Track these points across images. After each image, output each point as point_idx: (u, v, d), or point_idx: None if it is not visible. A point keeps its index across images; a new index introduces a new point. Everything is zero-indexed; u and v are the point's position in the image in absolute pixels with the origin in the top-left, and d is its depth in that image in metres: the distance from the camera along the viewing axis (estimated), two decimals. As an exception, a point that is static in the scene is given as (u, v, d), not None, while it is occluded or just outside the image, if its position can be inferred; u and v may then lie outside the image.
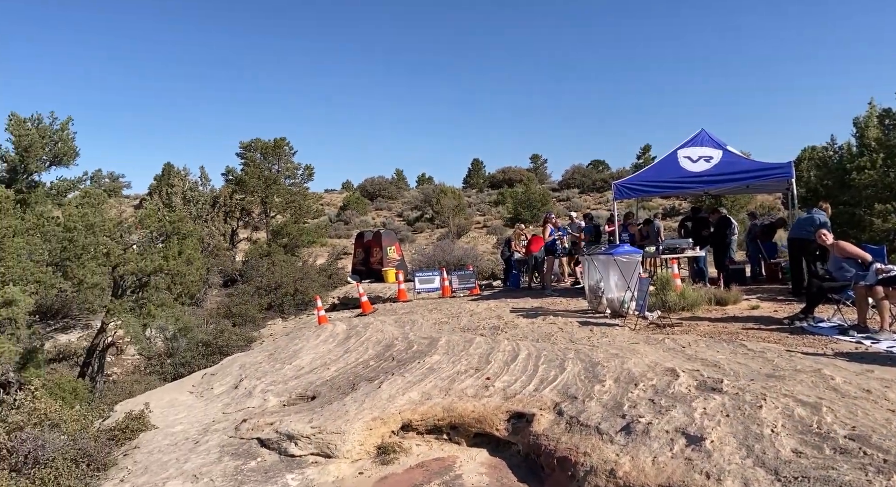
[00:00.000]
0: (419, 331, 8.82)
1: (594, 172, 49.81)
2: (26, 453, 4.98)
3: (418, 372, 6.35)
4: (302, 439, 5.03)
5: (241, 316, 16.63)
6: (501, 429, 5.02)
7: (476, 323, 9.27)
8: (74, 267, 11.70)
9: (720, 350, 6.25)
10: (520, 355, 6.56)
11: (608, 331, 7.85)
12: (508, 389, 5.59)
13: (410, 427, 5.32)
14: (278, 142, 28.18)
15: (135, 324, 11.75)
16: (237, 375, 7.89)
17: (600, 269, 9.45)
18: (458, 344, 7.36)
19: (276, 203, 27.27)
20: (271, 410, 6.17)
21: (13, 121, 15.29)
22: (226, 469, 4.75)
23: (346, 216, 41.54)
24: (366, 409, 5.45)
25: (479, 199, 46.63)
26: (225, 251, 24.14)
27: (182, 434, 5.83)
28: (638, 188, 11.57)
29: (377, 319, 10.45)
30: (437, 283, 14.27)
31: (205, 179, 27.77)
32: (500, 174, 53.44)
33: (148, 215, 13.71)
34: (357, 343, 8.45)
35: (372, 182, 54.05)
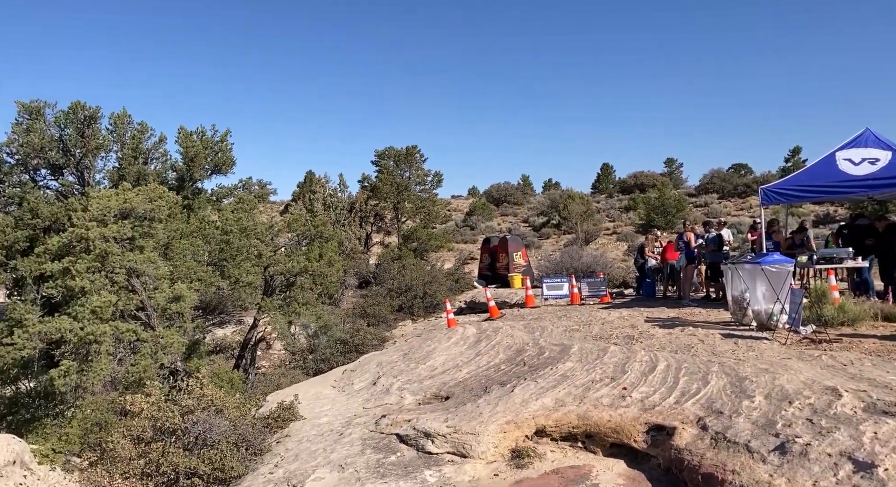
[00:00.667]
0: (550, 338, 8.76)
1: (735, 176, 46.73)
2: (197, 434, 5.57)
3: (551, 379, 6.32)
4: (438, 437, 5.19)
5: (375, 317, 17.38)
6: (640, 441, 4.87)
7: (609, 332, 9.05)
8: (230, 266, 12.87)
9: (891, 370, 5.65)
10: (658, 366, 6.33)
11: (755, 345, 7.36)
12: (647, 400, 5.41)
13: (544, 433, 5.31)
14: (410, 149, 29.22)
15: (282, 321, 12.71)
16: (375, 372, 8.28)
17: (745, 279, 8.87)
18: (592, 353, 7.23)
19: (406, 208, 28.27)
20: (408, 407, 6.42)
21: (182, 135, 17.13)
22: (368, 461, 5.01)
23: (472, 221, 42.12)
24: (499, 412, 5.52)
25: (608, 205, 45.39)
26: (360, 254, 25.38)
27: (327, 425, 6.22)
28: (789, 193, 10.71)
29: (506, 324, 10.51)
30: (566, 290, 14.09)
31: (343, 186, 29.40)
32: (632, 179, 51.64)
33: (295, 219, 14.76)
34: (488, 346, 8.56)
35: (498, 188, 54.39)
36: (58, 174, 16.37)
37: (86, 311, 9.02)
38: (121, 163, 16.64)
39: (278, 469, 5.21)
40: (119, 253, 9.82)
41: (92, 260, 9.55)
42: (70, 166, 16.21)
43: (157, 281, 10.70)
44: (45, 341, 9.22)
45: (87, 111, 15.89)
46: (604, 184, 55.80)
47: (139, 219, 10.58)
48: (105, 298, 9.30)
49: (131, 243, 10.32)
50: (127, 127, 16.82)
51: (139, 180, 15.46)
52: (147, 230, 10.64)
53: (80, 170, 16.24)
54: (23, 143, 15.24)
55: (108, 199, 10.20)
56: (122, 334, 9.48)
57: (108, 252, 9.63)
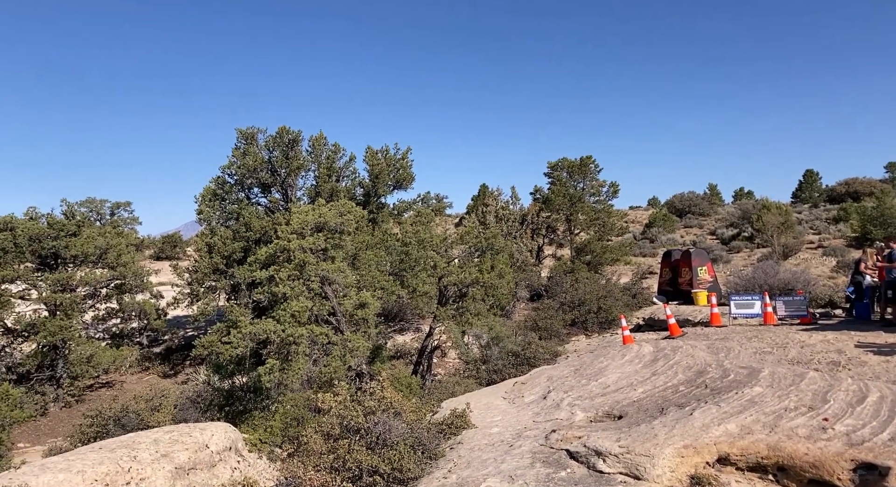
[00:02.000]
0: (736, 360, 8.06)
1: None
2: (378, 434, 5.95)
3: (736, 404, 5.81)
4: (610, 457, 5.01)
5: (547, 330, 17.28)
6: (844, 479, 4.30)
7: (808, 356, 8.10)
8: (409, 276, 13.61)
9: None
10: (869, 397, 5.54)
11: None
12: (854, 435, 4.76)
13: (728, 462, 4.90)
14: (584, 160, 28.69)
15: (455, 330, 13.13)
16: (545, 386, 8.22)
17: None
18: (786, 378, 6.52)
19: (580, 220, 27.77)
20: (578, 424, 6.29)
21: (368, 153, 18.56)
22: (538, 474, 4.99)
23: (651, 234, 40.18)
24: (676, 435, 5.19)
25: (812, 216, 40.69)
26: (531, 266, 25.42)
27: (498, 436, 6.30)
28: None
29: (686, 343, 9.85)
30: (758, 308, 12.86)
31: (515, 198, 29.71)
32: (842, 186, 45.83)
33: (468, 232, 15.23)
34: (665, 366, 8.09)
35: (681, 198, 51.36)
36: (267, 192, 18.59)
37: (287, 315, 10.09)
38: (317, 180, 18.45)
39: (451, 475, 5.38)
40: (314, 262, 10.85)
41: (292, 269, 10.68)
42: (276, 184, 18.33)
43: (346, 288, 11.65)
44: (254, 341, 10.47)
45: (290, 135, 17.88)
46: (807, 192, 50.21)
47: (331, 231, 11.62)
48: (303, 303, 10.33)
49: (324, 254, 11.37)
50: (323, 148, 18.63)
51: (332, 196, 17.02)
52: (338, 242, 11.65)
53: (284, 188, 18.28)
54: (240, 165, 17.54)
55: (305, 214, 11.34)
56: (316, 337, 10.45)
57: (306, 261, 10.70)
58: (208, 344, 11.67)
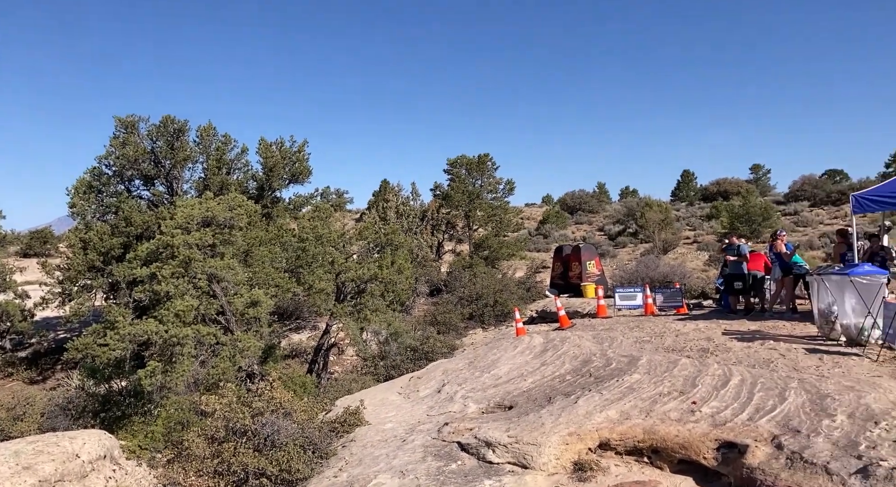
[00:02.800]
0: (619, 349, 8.54)
1: (829, 183, 44.05)
2: (266, 436, 5.77)
3: (617, 391, 6.16)
4: (499, 447, 5.15)
5: (445, 324, 17.49)
6: (709, 458, 4.66)
7: (682, 344, 8.72)
8: (306, 273, 13.31)
9: None
10: (732, 380, 6.04)
11: (841, 361, 6.89)
12: (717, 416, 5.17)
13: (608, 446, 5.17)
14: (482, 157, 29.27)
15: (353, 327, 13.00)
16: (440, 380, 8.32)
17: (833, 291, 8.34)
18: (661, 365, 6.99)
19: (478, 216, 28.33)
20: (471, 416, 6.41)
21: (262, 145, 17.92)
22: (429, 468, 5.04)
23: (545, 230, 41.70)
24: (562, 423, 5.42)
25: (688, 213, 43.82)
26: (431, 262, 25.63)
27: (391, 431, 6.31)
28: (885, 200, 9.97)
29: (575, 334, 10.32)
30: (640, 300, 13.69)
31: (415, 195, 29.83)
32: (714, 186, 49.71)
33: (366, 227, 15.11)
34: (554, 356, 8.43)
35: (572, 195, 53.66)
36: (149, 184, 17.49)
37: (170, 315, 9.57)
38: (206, 173, 17.59)
39: (342, 473, 5.32)
40: (201, 259, 10.36)
41: (176, 266, 10.13)
42: (160, 177, 17.28)
43: (237, 286, 11.20)
44: (134, 342, 9.84)
45: (175, 124, 16.91)
46: (684, 191, 53.97)
47: (220, 226, 11.13)
48: (188, 302, 9.83)
49: (213, 250, 10.87)
50: (212, 138, 17.78)
51: (222, 189, 16.29)
52: (227, 237, 11.17)
53: (169, 181, 17.28)
54: (119, 156, 16.38)
55: (191, 208, 10.79)
56: (203, 337, 9.98)
57: (191, 258, 10.18)
58: (83, 346, 10.84)
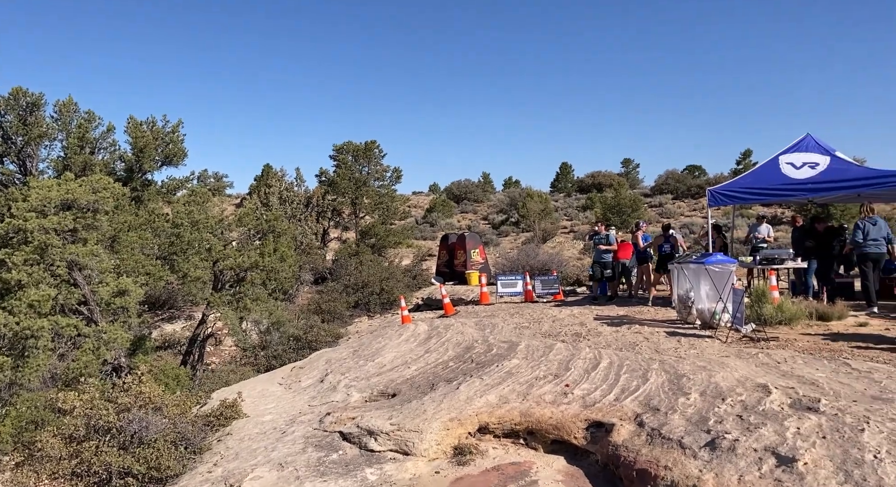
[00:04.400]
0: (499, 335, 8.82)
1: (689, 178, 47.89)
2: (132, 433, 5.42)
3: (496, 376, 6.37)
4: (381, 435, 5.17)
5: (330, 313, 17.23)
6: (580, 437, 4.95)
7: (558, 329, 9.16)
8: (180, 261, 12.56)
9: (819, 368, 5.86)
10: (601, 363, 6.44)
11: (697, 343, 7.55)
12: (588, 397, 5.50)
13: (487, 430, 5.35)
14: (369, 144, 28.98)
15: (232, 317, 12.46)
16: (323, 369, 8.20)
17: (690, 279, 9.09)
18: (538, 350, 7.31)
19: (365, 204, 28.08)
20: (354, 405, 6.38)
21: (131, 124, 16.63)
22: (309, 459, 4.96)
23: (431, 218, 42.12)
24: (443, 409, 5.53)
25: (566, 204, 45.96)
26: (316, 250, 25.11)
27: (271, 423, 6.13)
28: (735, 195, 11.01)
29: (458, 321, 10.54)
30: (520, 287, 14.21)
31: (300, 180, 29.03)
32: (589, 178, 52.44)
33: (246, 214, 14.50)
34: (438, 343, 8.57)
35: (458, 185, 54.55)
36: (-3, 162, 15.72)
37: (22, 305, 8.69)
38: (66, 152, 16.07)
39: (217, 468, 5.11)
40: (59, 245, 9.47)
41: (30, 253, 9.20)
42: (11, 154, 15.58)
43: (102, 274, 10.36)
44: (-23, 336, 8.83)
45: (29, 98, 15.30)
46: (562, 182, 56.47)
47: (82, 210, 10.22)
48: (44, 292, 8.97)
49: (73, 235, 9.98)
50: (73, 115, 16.25)
51: (85, 170, 14.97)
52: (91, 222, 10.29)
53: (21, 159, 15.63)
54: (-41, 130, 14.58)
55: (48, 189, 9.82)
56: (61, 329, 9.16)
57: (48, 244, 9.29)
58: (-87, 342, 9.57)
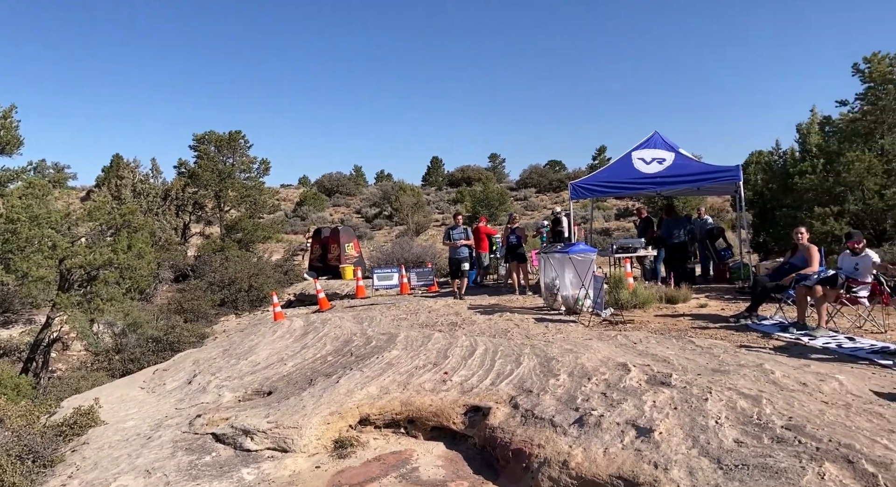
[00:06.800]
0: (378, 327, 8.83)
1: (551, 172, 50.55)
2: (-33, 450, 4.81)
3: (377, 368, 6.38)
4: (258, 434, 5.00)
5: (194, 312, 16.28)
6: (458, 423, 5.09)
7: (434, 320, 9.33)
8: (17, 259, 11.28)
9: (670, 346, 6.47)
10: (477, 350, 6.66)
11: (563, 328, 8.02)
12: (465, 383, 5.67)
13: (368, 422, 5.35)
14: (233, 135, 27.64)
15: (82, 319, 11.41)
16: (191, 371, 7.76)
17: (556, 267, 9.63)
18: (417, 340, 7.41)
19: (230, 197, 26.77)
20: (226, 405, 6.10)
21: (-48, 108, 14.61)
22: (179, 463, 4.69)
23: (302, 212, 41.07)
24: (323, 404, 5.45)
25: (438, 197, 46.74)
26: (176, 245, 23.58)
27: (133, 429, 5.71)
28: (593, 188, 11.82)
29: (335, 315, 10.41)
30: (396, 280, 14.27)
31: (156, 172, 27.08)
32: (459, 172, 53.71)
33: (97, 208, 13.31)
34: (315, 338, 8.41)
35: (330, 178, 53.62)
36: None
37: None
38: None
39: (73, 480, 4.68)
40: None
41: None
42: None
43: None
44: None
45: None
46: (434, 176, 57.36)
47: None
48: None
49: None
50: None
51: None
52: None
53: None
54: None
55: None
56: None
57: None
58: None
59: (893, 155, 11.03)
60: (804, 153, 12.90)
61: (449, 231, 11.75)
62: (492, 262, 14.98)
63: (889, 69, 11.09)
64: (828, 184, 11.14)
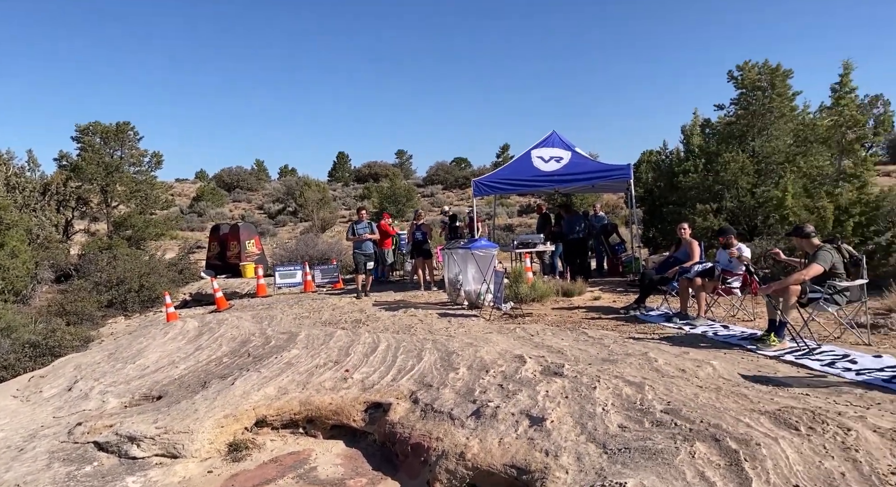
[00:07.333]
0: (278, 326, 8.61)
1: (457, 169, 51.16)
2: None
3: (275, 368, 6.22)
4: (145, 440, 4.74)
5: (77, 314, 15.15)
6: (358, 420, 5.06)
7: (338, 317, 9.22)
8: None
9: (564, 337, 6.74)
10: (379, 347, 6.64)
11: (465, 322, 8.16)
12: (367, 380, 5.64)
13: (265, 423, 5.21)
14: (121, 126, 25.89)
15: (-56, 325, 10.35)
16: (71, 377, 7.24)
17: (459, 263, 9.78)
18: (318, 338, 7.30)
19: (118, 192, 25.07)
20: (111, 412, 5.74)
21: None
22: (56, 475, 4.36)
23: (199, 208, 39.27)
24: (217, 407, 5.25)
25: (344, 193, 46.16)
26: (58, 243, 21.85)
27: (3, 441, 5.25)
28: (495, 185, 12.10)
29: (233, 315, 10.05)
30: (299, 278, 14.00)
31: (33, 164, 24.87)
32: (366, 168, 53.30)
33: (-38, 201, 12.11)
34: (210, 340, 8.08)
35: (229, 172, 51.59)
36: None
37: None
38: None
39: (-71, 505, 4.25)
40: None
41: None
42: None
43: None
44: None
45: None
46: (340, 172, 56.59)
47: None
48: None
49: None
50: None
51: None
52: None
53: None
54: None
55: None
56: None
57: None
58: None
59: (763, 156, 12.00)
60: (688, 153, 13.81)
61: (353, 226, 11.58)
62: (397, 258, 15.00)
63: (758, 77, 12.10)
64: (708, 182, 11.97)
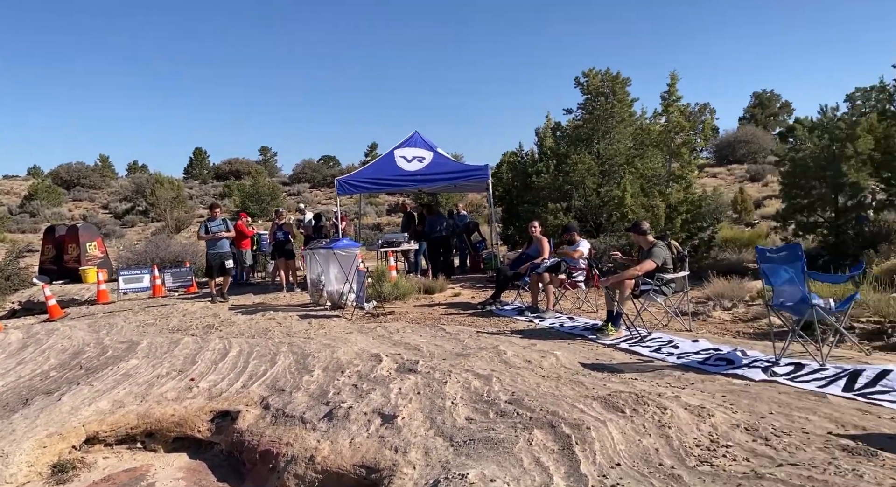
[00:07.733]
0: (118, 335, 7.95)
1: (325, 168, 50.25)
2: None
3: (111, 380, 5.73)
4: (-53, 471, 4.17)
5: None
6: (204, 430, 4.80)
7: (188, 323, 8.69)
8: None
9: (423, 334, 6.83)
10: (230, 353, 6.35)
11: (326, 323, 8.02)
12: (214, 388, 5.36)
13: (98, 440, 4.78)
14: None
15: None
16: None
17: (321, 263, 9.59)
18: (162, 346, 6.83)
19: (-70, 188, 22.00)
20: None
21: None
22: None
23: (32, 207, 35.38)
24: (39, 426, 4.73)
25: (202, 191, 43.62)
26: None
27: None
28: (359, 185, 12.01)
29: (66, 324, 9.14)
30: (147, 282, 13.07)
31: None
32: (227, 165, 50.77)
33: None
34: (36, 352, 7.29)
35: (68, 168, 46.84)
36: None
37: None
38: None
39: None
40: None
41: None
42: None
43: None
44: None
45: None
46: (197, 169, 53.52)
47: None
48: None
49: None
50: None
51: None
52: None
53: None
54: None
55: None
56: None
57: None
58: None
59: (606, 158, 12.95)
60: (541, 155, 14.58)
61: (206, 224, 10.77)
62: (258, 260, 14.46)
63: (601, 84, 13.05)
64: (558, 182, 12.70)
